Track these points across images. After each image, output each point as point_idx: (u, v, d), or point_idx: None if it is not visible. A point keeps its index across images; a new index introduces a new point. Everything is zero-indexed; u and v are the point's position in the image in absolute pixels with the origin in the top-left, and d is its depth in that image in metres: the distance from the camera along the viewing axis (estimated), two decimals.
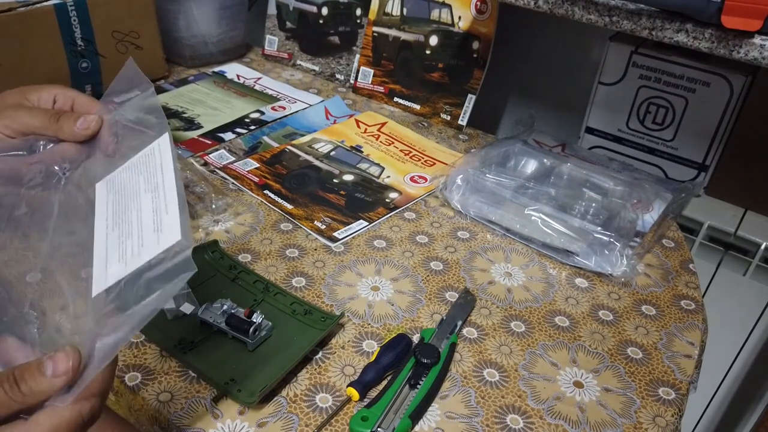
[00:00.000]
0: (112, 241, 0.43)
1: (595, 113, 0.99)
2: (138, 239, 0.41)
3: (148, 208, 0.43)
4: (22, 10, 0.87)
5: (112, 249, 0.43)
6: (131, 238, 0.42)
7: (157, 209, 0.42)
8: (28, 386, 0.35)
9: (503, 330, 0.66)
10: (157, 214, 0.42)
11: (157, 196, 0.43)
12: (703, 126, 0.91)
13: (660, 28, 0.73)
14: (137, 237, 0.42)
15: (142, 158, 0.47)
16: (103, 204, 0.47)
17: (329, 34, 1.16)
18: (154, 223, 0.41)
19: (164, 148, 0.46)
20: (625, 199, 0.80)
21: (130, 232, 0.42)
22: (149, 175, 0.45)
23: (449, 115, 1.04)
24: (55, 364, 0.36)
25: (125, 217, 0.44)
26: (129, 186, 0.46)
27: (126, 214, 0.44)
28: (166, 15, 1.09)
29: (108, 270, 0.41)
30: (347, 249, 0.75)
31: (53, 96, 0.52)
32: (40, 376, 0.36)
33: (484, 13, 0.99)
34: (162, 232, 0.40)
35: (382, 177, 0.89)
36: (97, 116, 0.50)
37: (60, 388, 0.36)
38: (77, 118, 0.49)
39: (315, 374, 0.59)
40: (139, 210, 0.43)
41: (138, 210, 0.43)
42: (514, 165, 0.88)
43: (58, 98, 0.52)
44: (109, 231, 0.44)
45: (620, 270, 0.72)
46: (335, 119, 1.04)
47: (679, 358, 0.64)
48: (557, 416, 0.57)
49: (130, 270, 0.40)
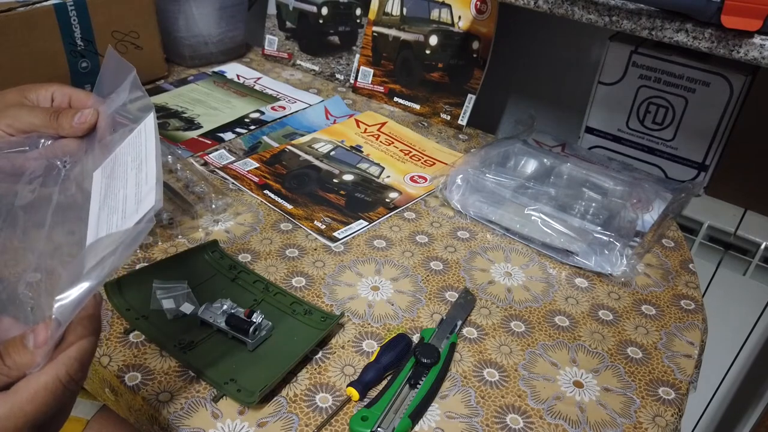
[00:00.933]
0: (102, 219, 0.45)
1: (594, 113, 0.99)
2: (122, 212, 0.43)
3: (132, 182, 0.45)
4: (22, 10, 0.87)
5: (102, 226, 0.44)
6: (116, 212, 0.44)
7: (139, 182, 0.44)
8: (12, 359, 0.36)
9: (503, 330, 0.66)
10: (139, 187, 0.44)
11: (140, 171, 0.45)
12: (703, 126, 0.91)
13: (660, 27, 0.73)
14: (121, 210, 0.44)
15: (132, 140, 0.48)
16: (98, 189, 0.48)
17: (329, 34, 1.16)
18: (135, 196, 0.43)
19: (149, 127, 0.47)
20: (625, 199, 0.80)
21: (116, 207, 0.44)
22: (135, 154, 0.47)
23: (449, 115, 1.04)
24: (35, 336, 0.37)
25: (113, 196, 0.46)
26: (119, 167, 0.47)
27: (114, 193, 0.46)
28: (166, 15, 1.09)
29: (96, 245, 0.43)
30: (347, 249, 0.75)
31: (51, 93, 0.53)
32: (23, 349, 0.37)
33: (484, 13, 0.99)
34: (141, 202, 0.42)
35: (382, 177, 0.89)
36: (93, 109, 0.51)
37: (41, 360, 0.36)
38: (75, 114, 0.51)
39: (315, 374, 0.59)
40: (125, 187, 0.45)
41: (124, 187, 0.45)
42: (514, 165, 0.88)
43: (55, 95, 0.54)
44: (100, 211, 0.46)
45: (620, 270, 0.72)
46: (335, 119, 1.04)
47: (678, 357, 0.64)
48: (557, 416, 0.57)
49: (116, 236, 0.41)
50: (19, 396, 0.36)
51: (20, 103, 0.52)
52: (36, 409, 0.36)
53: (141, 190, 0.43)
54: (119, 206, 0.44)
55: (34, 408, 0.36)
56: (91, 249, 0.42)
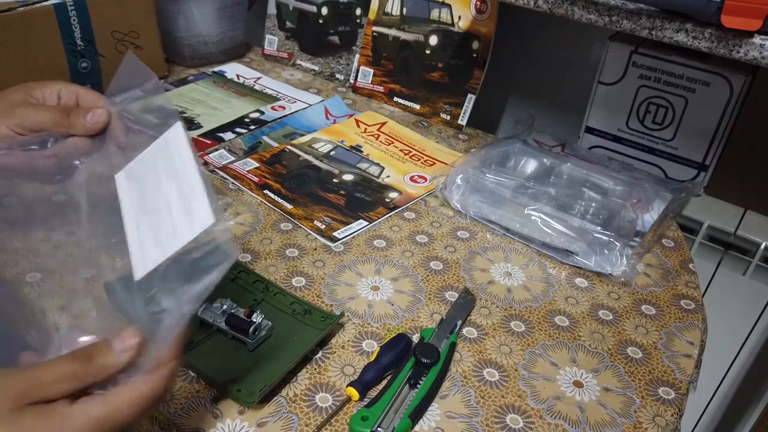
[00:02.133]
0: (144, 228, 0.46)
1: (594, 113, 0.99)
2: (170, 225, 0.44)
3: (174, 194, 0.45)
4: (22, 10, 0.87)
5: (146, 236, 0.45)
6: (162, 224, 0.45)
7: (183, 195, 0.45)
8: (99, 361, 0.40)
9: (503, 330, 0.66)
10: (184, 200, 0.44)
11: (180, 183, 0.45)
12: (702, 126, 0.91)
13: (660, 27, 0.73)
14: (168, 223, 0.44)
15: (157, 148, 0.49)
16: (126, 194, 0.49)
17: (329, 33, 1.16)
18: (183, 209, 0.44)
19: (178, 137, 0.48)
20: (625, 199, 0.80)
21: (160, 219, 0.45)
22: (167, 164, 0.47)
23: (449, 115, 1.04)
24: (122, 341, 0.40)
25: (152, 205, 0.46)
26: (149, 175, 0.48)
27: (152, 202, 0.46)
28: (166, 15, 1.09)
29: (146, 256, 0.44)
30: (347, 249, 0.75)
31: (57, 91, 0.53)
32: (109, 352, 0.40)
33: (484, 13, 0.99)
34: (193, 216, 0.43)
35: (381, 177, 0.89)
36: (105, 110, 0.52)
37: (126, 362, 0.40)
38: (86, 113, 0.51)
39: (315, 374, 0.59)
40: (165, 197, 0.46)
41: (165, 197, 0.46)
42: (513, 165, 0.88)
43: (62, 94, 0.54)
44: (138, 219, 0.47)
45: (620, 270, 0.72)
46: (335, 119, 1.04)
47: (678, 357, 0.64)
48: (557, 416, 0.57)
49: (169, 254, 0.43)
50: (119, 399, 0.39)
51: (26, 102, 0.52)
52: (131, 414, 0.39)
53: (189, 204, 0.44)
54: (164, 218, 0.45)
55: (130, 413, 0.39)
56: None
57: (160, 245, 0.44)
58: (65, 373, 0.38)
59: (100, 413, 0.38)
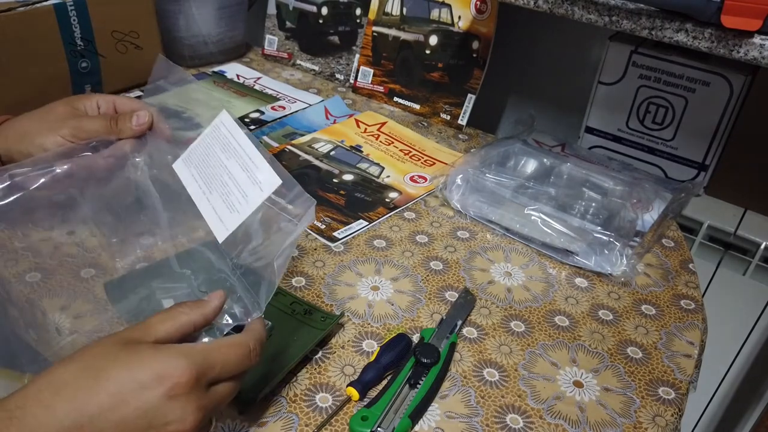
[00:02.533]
0: (216, 201, 0.51)
1: (594, 113, 0.99)
2: (239, 193, 0.50)
3: (237, 169, 0.51)
4: (22, 10, 0.87)
5: (219, 206, 0.51)
6: (232, 194, 0.50)
7: (247, 167, 0.50)
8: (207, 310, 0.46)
9: (503, 330, 0.66)
10: (249, 172, 0.50)
11: (240, 159, 0.51)
12: (702, 126, 0.91)
13: (660, 27, 0.73)
14: (238, 192, 0.50)
15: (209, 135, 0.55)
16: (190, 177, 0.54)
17: (329, 33, 1.16)
18: (249, 179, 0.49)
19: (227, 122, 0.54)
20: (625, 199, 0.80)
21: (229, 191, 0.50)
22: (223, 146, 0.53)
23: (449, 115, 1.04)
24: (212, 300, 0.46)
25: (218, 182, 0.52)
26: (208, 159, 0.54)
27: (217, 180, 0.52)
28: (166, 15, 1.09)
29: (224, 221, 0.50)
30: (347, 249, 0.75)
31: (95, 102, 0.61)
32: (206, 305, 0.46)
33: (484, 13, 0.99)
34: (261, 182, 0.49)
35: (381, 177, 0.89)
36: (146, 111, 0.58)
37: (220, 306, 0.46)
38: (131, 118, 0.58)
39: (315, 374, 0.59)
40: (229, 174, 0.51)
41: (228, 175, 0.51)
42: (513, 165, 0.88)
43: (100, 103, 0.61)
44: (208, 195, 0.52)
45: (620, 270, 0.72)
46: (335, 119, 1.04)
47: (678, 357, 0.64)
48: (557, 416, 0.57)
49: (245, 216, 0.48)
50: (250, 334, 0.45)
51: (73, 114, 0.59)
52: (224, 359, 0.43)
53: (254, 174, 0.49)
54: (232, 189, 0.50)
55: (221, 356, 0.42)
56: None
57: (236, 211, 0.49)
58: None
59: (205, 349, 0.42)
